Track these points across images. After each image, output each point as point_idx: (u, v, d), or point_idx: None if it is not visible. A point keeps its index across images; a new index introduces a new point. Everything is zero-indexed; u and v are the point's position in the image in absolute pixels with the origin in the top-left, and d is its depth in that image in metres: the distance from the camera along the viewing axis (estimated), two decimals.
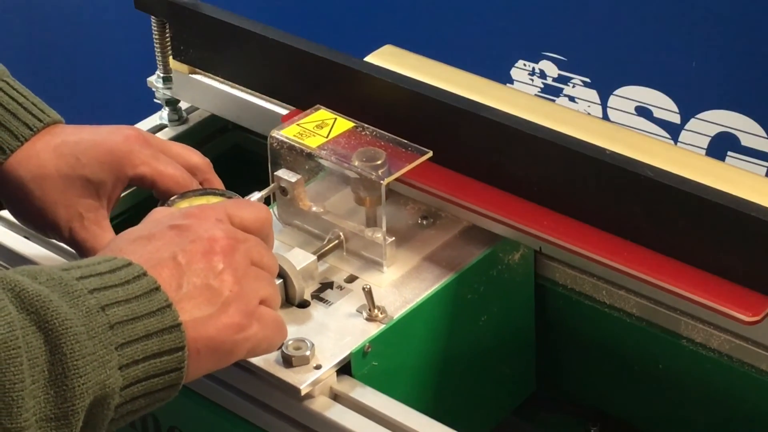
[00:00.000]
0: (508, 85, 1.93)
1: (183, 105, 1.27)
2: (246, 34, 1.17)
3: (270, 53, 1.17)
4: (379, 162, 1.02)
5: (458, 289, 1.03)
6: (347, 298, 1.00)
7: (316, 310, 0.99)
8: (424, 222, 1.08)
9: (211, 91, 1.24)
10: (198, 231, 0.86)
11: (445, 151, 1.06)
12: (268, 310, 0.88)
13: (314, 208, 1.05)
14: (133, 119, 1.25)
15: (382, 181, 1.01)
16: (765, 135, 1.80)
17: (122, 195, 1.06)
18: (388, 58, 1.25)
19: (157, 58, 1.25)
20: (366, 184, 1.02)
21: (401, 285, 1.01)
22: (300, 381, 0.92)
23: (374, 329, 0.96)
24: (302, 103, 1.17)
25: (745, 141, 1.81)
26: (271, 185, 1.06)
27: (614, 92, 1.89)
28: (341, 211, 1.06)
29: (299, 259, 0.99)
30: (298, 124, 1.07)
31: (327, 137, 1.05)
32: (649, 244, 0.98)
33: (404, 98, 1.08)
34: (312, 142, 1.04)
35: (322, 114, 1.08)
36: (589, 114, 1.88)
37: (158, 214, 0.91)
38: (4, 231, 1.10)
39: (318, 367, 0.93)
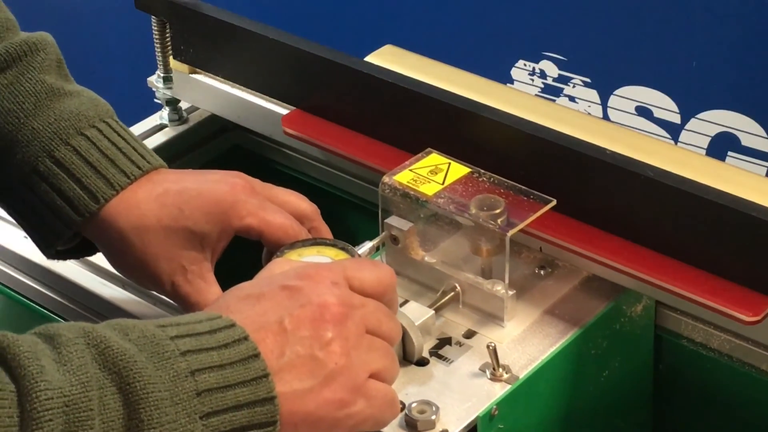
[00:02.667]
0: (508, 85, 1.93)
1: (183, 105, 1.27)
2: (246, 34, 1.17)
3: (270, 53, 1.17)
4: (497, 210, 0.95)
5: (582, 345, 0.97)
6: (468, 355, 0.94)
7: (436, 368, 0.92)
8: (542, 272, 1.02)
9: (211, 91, 1.24)
10: (310, 295, 0.81)
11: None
12: (379, 385, 0.82)
13: (427, 258, 0.99)
14: (133, 119, 1.25)
15: (506, 234, 0.94)
16: (765, 135, 1.80)
17: None
18: (388, 58, 1.25)
19: (157, 57, 1.25)
20: (487, 235, 0.96)
21: (523, 341, 0.95)
22: None
23: (500, 390, 0.91)
24: (302, 104, 1.17)
25: (745, 141, 1.81)
26: (382, 234, 1.00)
27: (614, 92, 1.89)
28: (454, 260, 0.99)
29: (416, 313, 0.93)
30: (410, 170, 1.00)
31: (443, 184, 0.98)
32: (649, 244, 0.98)
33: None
34: (427, 190, 0.98)
35: (435, 158, 1.01)
36: (589, 114, 1.88)
37: (275, 267, 0.86)
38: (92, 277, 1.07)
39: None
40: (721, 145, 1.83)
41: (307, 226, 0.98)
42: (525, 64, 1.95)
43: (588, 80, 1.91)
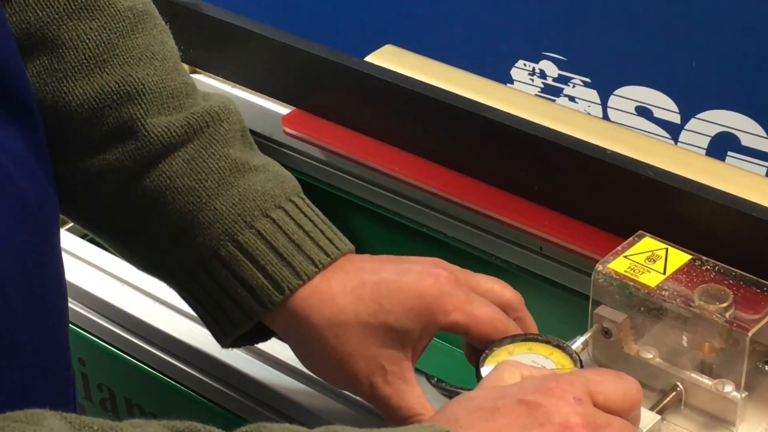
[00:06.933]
0: (508, 85, 1.93)
1: None
2: (246, 34, 1.17)
3: (270, 53, 1.17)
4: (725, 304, 0.86)
5: None
6: None
7: None
8: (766, 367, 0.90)
9: (211, 91, 1.24)
10: (551, 413, 0.73)
11: None
12: None
13: (642, 353, 0.90)
14: None
15: (747, 334, 0.85)
16: (765, 135, 1.80)
17: None
18: (388, 58, 1.25)
19: None
20: (716, 331, 0.87)
21: None
22: None
23: None
24: (302, 104, 1.17)
25: (745, 141, 1.82)
26: (594, 326, 0.91)
27: (614, 92, 1.89)
28: (671, 355, 0.90)
29: (643, 419, 0.82)
30: (625, 257, 0.91)
31: (664, 273, 0.90)
32: None
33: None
34: (648, 280, 0.89)
35: (650, 243, 0.93)
36: (589, 114, 1.88)
37: (507, 375, 0.78)
38: (271, 371, 0.99)
39: None
40: (721, 145, 1.83)
41: (512, 316, 0.89)
42: (525, 64, 1.95)
43: (588, 80, 1.91)
